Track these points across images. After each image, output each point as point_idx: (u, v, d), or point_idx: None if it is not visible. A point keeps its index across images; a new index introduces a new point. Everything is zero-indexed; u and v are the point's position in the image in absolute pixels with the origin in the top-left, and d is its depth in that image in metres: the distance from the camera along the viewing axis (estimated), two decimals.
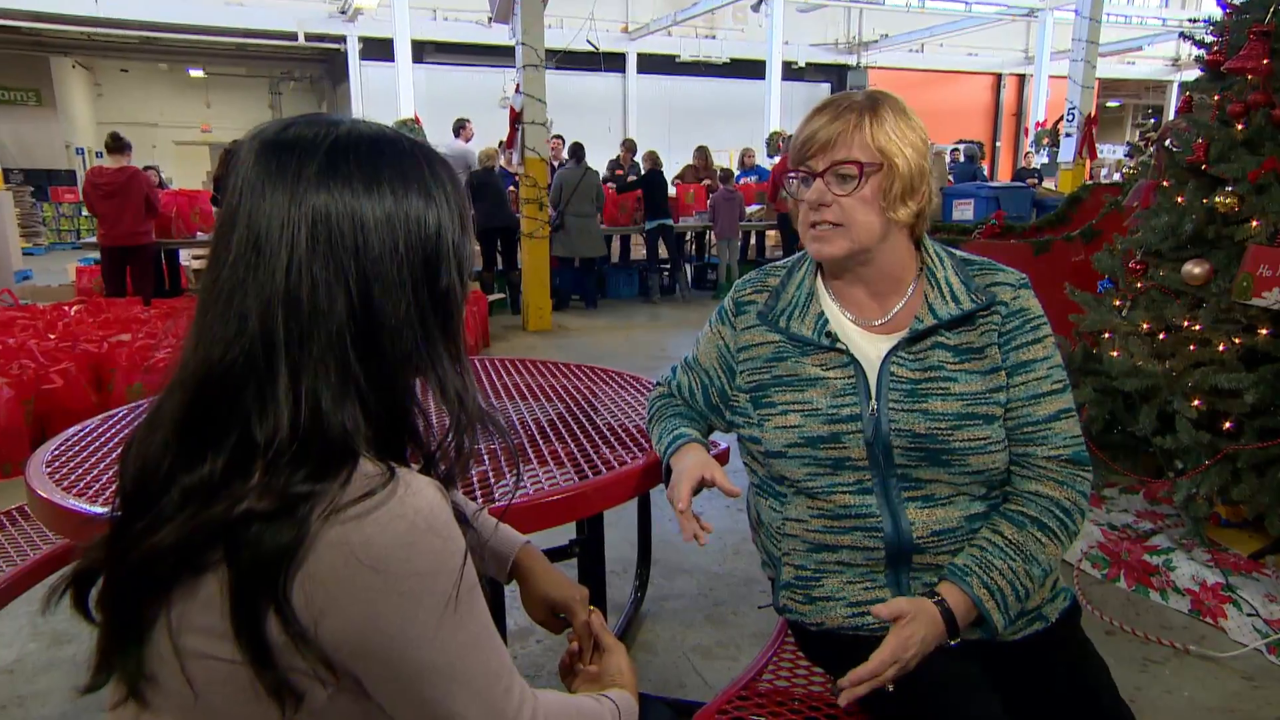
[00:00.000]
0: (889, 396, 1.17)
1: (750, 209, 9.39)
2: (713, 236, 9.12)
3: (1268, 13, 2.47)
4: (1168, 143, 2.72)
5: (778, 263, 1.36)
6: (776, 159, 10.52)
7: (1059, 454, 1.18)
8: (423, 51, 14.54)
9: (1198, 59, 2.72)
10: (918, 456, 1.16)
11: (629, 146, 10.40)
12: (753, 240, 10.39)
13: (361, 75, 14.72)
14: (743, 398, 1.28)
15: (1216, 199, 2.43)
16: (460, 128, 8.61)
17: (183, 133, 19.01)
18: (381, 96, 13.90)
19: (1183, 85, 2.78)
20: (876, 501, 1.17)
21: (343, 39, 14.59)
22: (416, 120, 10.81)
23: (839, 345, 1.21)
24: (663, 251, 8.83)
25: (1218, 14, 2.71)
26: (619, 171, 10.07)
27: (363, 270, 0.67)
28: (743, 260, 9.45)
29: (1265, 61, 2.43)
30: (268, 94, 19.96)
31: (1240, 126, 2.47)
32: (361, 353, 0.67)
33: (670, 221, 8.54)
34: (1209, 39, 2.73)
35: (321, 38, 14.47)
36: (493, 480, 1.44)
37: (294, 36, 13.97)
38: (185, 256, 8.03)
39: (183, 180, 15.32)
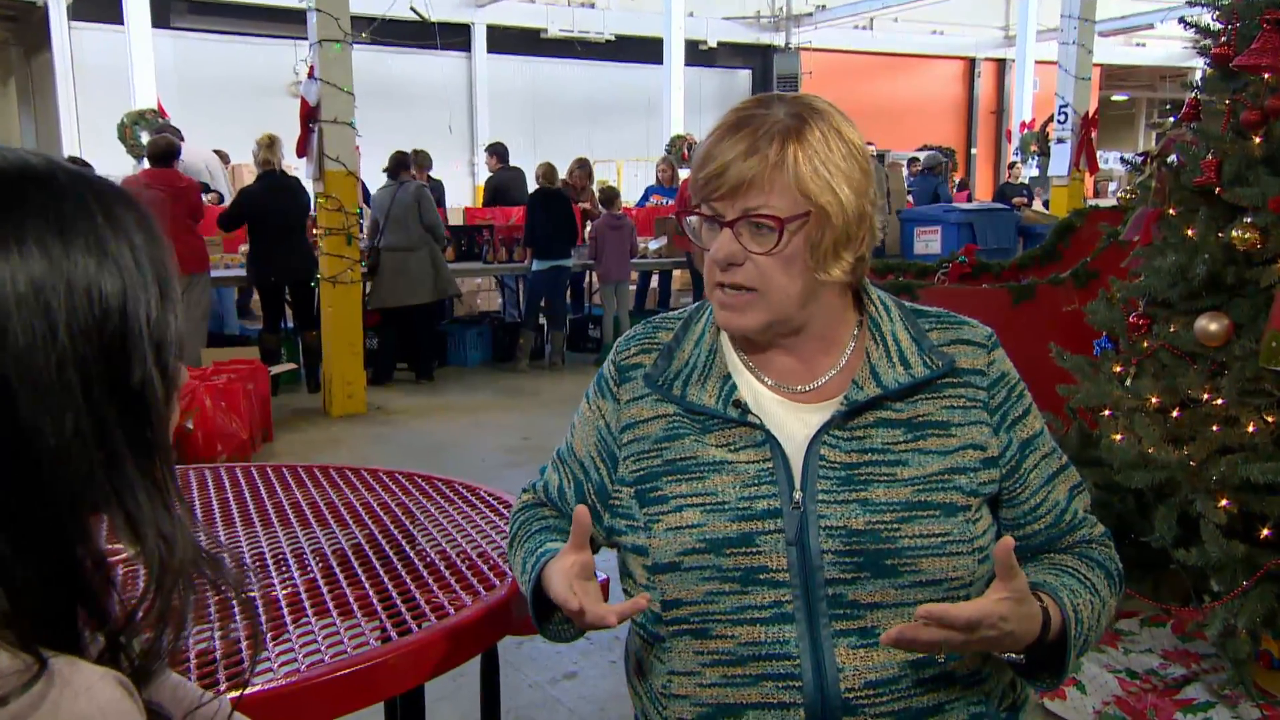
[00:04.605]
0: (818, 485, 1.22)
1: (651, 244, 9.58)
2: (594, 279, 9.25)
3: None
4: (1171, 159, 2.94)
5: (670, 313, 1.41)
6: (684, 174, 10.76)
7: (1101, 531, 1.35)
8: (170, 12, 14.34)
9: (1202, 50, 2.97)
10: (854, 565, 1.19)
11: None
12: (654, 283, 10.58)
13: (72, 42, 14.27)
14: (626, 493, 1.30)
15: (1234, 233, 2.62)
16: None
17: None
18: (105, 74, 13.48)
19: (1203, 80, 3.01)
20: (796, 634, 1.20)
21: None
22: (160, 112, 10.57)
23: (751, 418, 1.25)
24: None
25: None
26: None
27: (0, 371, 0.65)
28: (637, 310, 9.60)
29: None
30: None
31: (1258, 140, 2.69)
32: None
33: (569, 264, 8.63)
34: (1215, 26, 2.98)
35: None
36: (244, 650, 1.39)
37: None
38: None
39: None
